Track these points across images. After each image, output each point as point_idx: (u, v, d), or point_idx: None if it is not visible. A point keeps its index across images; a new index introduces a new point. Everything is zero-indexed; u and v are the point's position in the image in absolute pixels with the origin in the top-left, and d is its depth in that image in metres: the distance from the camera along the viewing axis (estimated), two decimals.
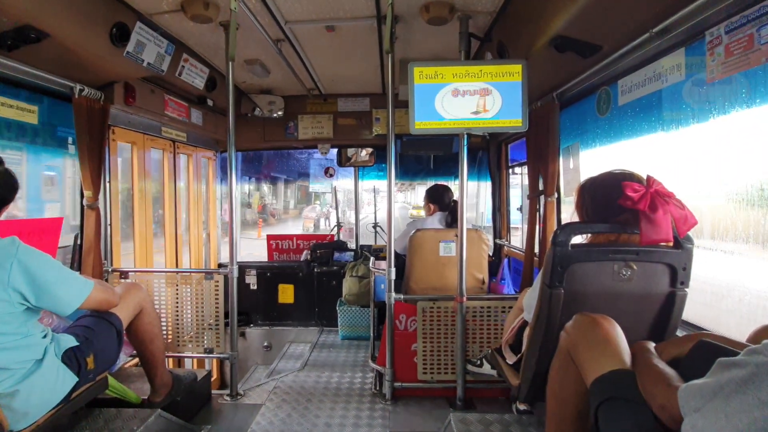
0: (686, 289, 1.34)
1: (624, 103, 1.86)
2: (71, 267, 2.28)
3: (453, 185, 3.88)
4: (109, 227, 2.50)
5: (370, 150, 3.94)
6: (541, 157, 2.36)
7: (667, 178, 1.27)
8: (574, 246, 1.30)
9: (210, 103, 3.19)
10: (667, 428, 0.88)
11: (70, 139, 2.33)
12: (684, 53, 1.51)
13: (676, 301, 1.34)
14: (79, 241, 2.32)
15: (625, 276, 1.31)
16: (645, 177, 1.27)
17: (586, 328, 1.10)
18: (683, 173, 1.66)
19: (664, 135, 1.67)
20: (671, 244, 1.29)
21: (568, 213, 2.44)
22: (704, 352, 0.96)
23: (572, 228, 1.31)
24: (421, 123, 2.00)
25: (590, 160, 2.22)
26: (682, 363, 1.01)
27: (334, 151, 3.95)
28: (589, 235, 1.38)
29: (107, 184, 2.47)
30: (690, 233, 1.30)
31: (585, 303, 1.31)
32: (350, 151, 3.98)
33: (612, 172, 1.35)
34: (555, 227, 2.38)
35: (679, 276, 1.32)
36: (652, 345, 1.10)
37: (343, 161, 3.98)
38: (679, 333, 1.47)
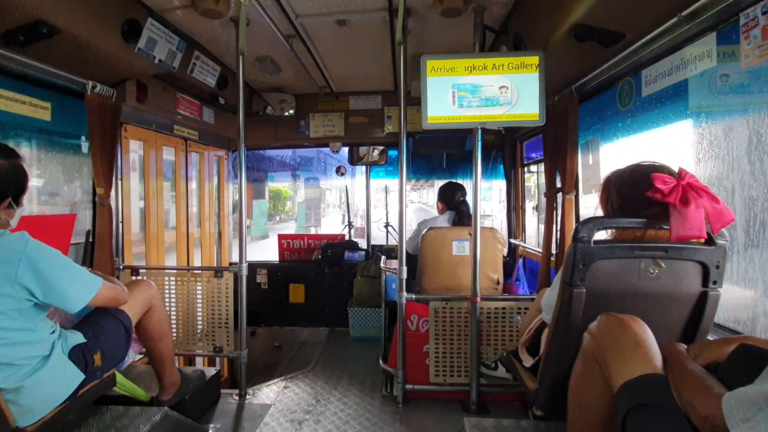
0: (719, 290, 1.25)
1: (648, 93, 1.78)
2: (83, 264, 2.29)
3: (467, 184, 3.81)
4: (120, 224, 2.50)
5: (380, 149, 3.90)
6: (559, 153, 2.28)
7: (700, 173, 1.19)
8: (597, 242, 1.22)
9: (222, 101, 3.19)
10: None
11: (83, 137, 2.35)
12: (715, 38, 1.42)
13: (708, 302, 1.25)
14: (90, 238, 2.33)
15: (652, 274, 1.23)
16: (677, 169, 1.19)
17: (612, 330, 1.02)
18: (715, 167, 1.56)
19: (693, 127, 1.58)
20: (703, 240, 1.21)
21: (588, 211, 2.35)
22: (747, 357, 0.87)
23: (595, 222, 1.23)
24: (434, 117, 1.94)
25: (611, 155, 2.13)
26: (721, 368, 0.92)
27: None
28: (613, 230, 1.30)
29: (119, 182, 2.47)
30: (725, 230, 1.21)
31: (608, 303, 1.23)
32: (362, 150, 3.94)
33: (640, 164, 1.27)
34: (573, 226, 2.29)
35: (711, 275, 1.24)
36: (684, 348, 1.02)
37: (354, 160, 3.95)
38: (711, 337, 1.38)
